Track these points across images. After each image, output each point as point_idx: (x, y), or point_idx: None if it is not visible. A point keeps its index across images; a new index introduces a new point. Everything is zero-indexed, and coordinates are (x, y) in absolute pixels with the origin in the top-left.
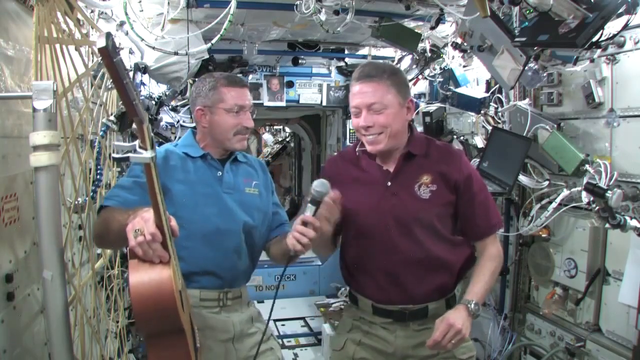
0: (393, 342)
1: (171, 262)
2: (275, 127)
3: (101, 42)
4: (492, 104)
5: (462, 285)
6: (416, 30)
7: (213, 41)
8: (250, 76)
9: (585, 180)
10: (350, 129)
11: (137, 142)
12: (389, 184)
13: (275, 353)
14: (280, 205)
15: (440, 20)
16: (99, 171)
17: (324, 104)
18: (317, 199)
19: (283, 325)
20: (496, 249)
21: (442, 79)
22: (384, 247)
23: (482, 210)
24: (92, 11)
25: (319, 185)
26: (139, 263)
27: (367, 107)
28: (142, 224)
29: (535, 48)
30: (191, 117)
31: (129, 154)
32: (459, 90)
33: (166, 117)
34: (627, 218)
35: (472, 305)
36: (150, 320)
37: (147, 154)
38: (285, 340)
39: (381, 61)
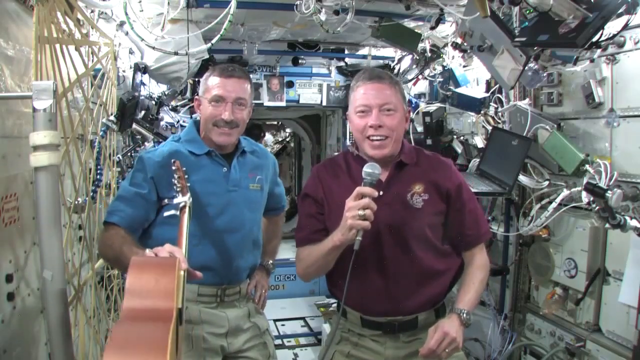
0: (383, 353)
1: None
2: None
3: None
4: (492, 104)
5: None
6: (416, 30)
7: (213, 41)
8: (250, 76)
9: (585, 180)
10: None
11: None
12: (381, 193)
13: (267, 347)
14: (282, 185)
15: (440, 20)
16: (99, 171)
17: (324, 104)
18: (369, 183)
19: (283, 325)
20: (484, 259)
21: (442, 79)
22: (375, 258)
23: (472, 219)
24: (92, 11)
25: (369, 167)
26: None
27: (379, 106)
28: None
29: (535, 48)
30: (191, 117)
31: None
32: (459, 90)
33: (166, 117)
34: (627, 218)
35: (465, 315)
36: None
37: None
38: (285, 340)
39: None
